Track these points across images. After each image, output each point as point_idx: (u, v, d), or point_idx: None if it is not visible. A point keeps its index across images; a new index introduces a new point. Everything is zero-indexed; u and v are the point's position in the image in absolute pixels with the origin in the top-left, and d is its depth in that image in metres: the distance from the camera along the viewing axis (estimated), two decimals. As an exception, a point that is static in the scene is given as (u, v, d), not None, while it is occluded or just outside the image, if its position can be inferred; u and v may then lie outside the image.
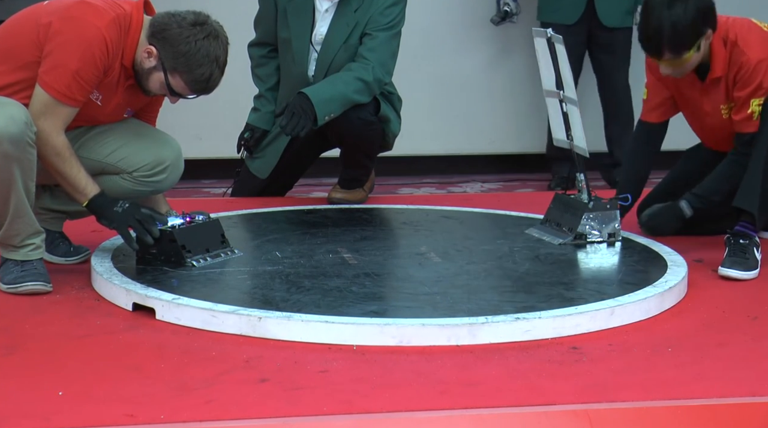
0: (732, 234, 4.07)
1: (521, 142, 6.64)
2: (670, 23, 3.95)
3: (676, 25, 3.96)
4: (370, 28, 4.86)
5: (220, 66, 3.69)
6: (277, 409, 2.79)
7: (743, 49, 4.06)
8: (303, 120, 4.66)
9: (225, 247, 3.88)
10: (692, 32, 3.98)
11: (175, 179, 3.95)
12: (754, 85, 4.07)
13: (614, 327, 3.41)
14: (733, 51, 4.08)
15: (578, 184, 4.22)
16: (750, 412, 2.87)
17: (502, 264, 3.91)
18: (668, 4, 3.97)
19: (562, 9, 5.98)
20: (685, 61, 4.02)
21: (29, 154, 3.53)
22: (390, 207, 4.93)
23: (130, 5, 3.72)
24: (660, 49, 4.02)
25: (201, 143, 6.27)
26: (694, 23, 3.98)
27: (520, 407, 2.84)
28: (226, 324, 3.29)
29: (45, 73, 3.61)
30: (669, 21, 3.95)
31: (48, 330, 3.33)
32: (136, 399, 2.82)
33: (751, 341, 3.35)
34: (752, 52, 4.06)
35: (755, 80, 4.07)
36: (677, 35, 3.97)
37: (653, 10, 3.99)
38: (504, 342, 3.24)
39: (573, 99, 4.18)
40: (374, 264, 3.84)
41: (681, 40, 3.98)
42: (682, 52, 4.00)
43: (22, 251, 3.64)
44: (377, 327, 3.21)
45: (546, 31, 4.18)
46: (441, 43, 6.52)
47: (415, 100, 5.89)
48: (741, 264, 3.99)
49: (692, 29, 3.98)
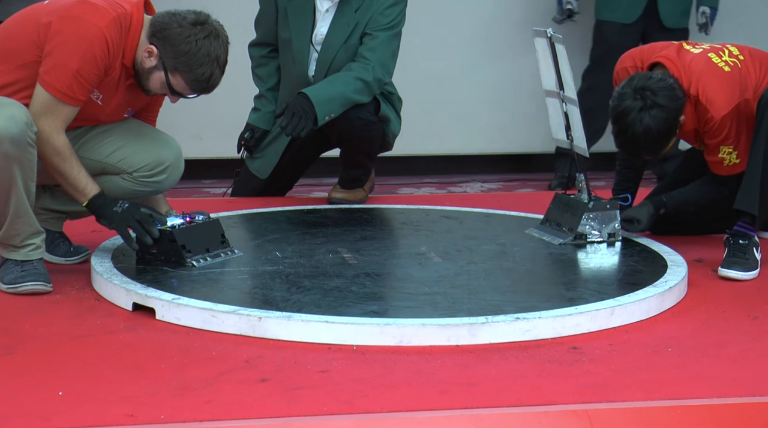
0: (731, 234, 4.07)
1: (521, 141, 6.65)
2: (644, 138, 3.97)
3: (650, 136, 3.96)
4: (370, 28, 4.86)
5: (220, 65, 3.69)
6: (277, 409, 2.79)
7: (707, 107, 4.04)
8: (303, 120, 4.66)
9: (225, 247, 3.88)
10: (667, 134, 4.00)
11: (175, 180, 3.95)
12: (721, 136, 4.09)
13: (614, 327, 3.41)
14: (697, 107, 4.07)
15: (578, 183, 4.22)
16: (750, 412, 2.87)
17: (502, 264, 3.91)
18: (637, 119, 3.95)
19: (621, 8, 6.03)
20: (668, 148, 4.09)
21: (30, 154, 3.53)
22: (390, 207, 4.93)
23: (130, 5, 3.72)
24: (639, 155, 4.09)
25: (201, 143, 6.28)
26: (666, 126, 3.98)
27: (520, 407, 2.84)
28: (226, 324, 3.29)
29: (46, 72, 3.61)
30: (643, 136, 3.96)
31: (48, 330, 3.33)
32: (136, 399, 2.82)
33: (751, 341, 3.35)
34: (715, 109, 4.03)
35: (722, 133, 4.08)
36: (655, 144, 4.00)
37: (624, 120, 3.97)
38: (504, 342, 3.24)
39: (573, 99, 4.18)
40: (374, 264, 3.84)
41: (659, 144, 4.01)
42: (660, 151, 4.06)
43: (22, 251, 3.64)
44: (377, 327, 3.21)
45: (546, 31, 4.18)
46: (441, 43, 6.52)
47: (415, 100, 5.89)
48: (741, 265, 3.99)
49: (666, 132, 3.99)
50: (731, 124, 4.06)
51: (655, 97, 3.95)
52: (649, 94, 3.95)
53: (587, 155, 4.22)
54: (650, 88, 3.96)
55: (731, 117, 4.05)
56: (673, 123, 4.01)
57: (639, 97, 3.96)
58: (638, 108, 3.94)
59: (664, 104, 3.96)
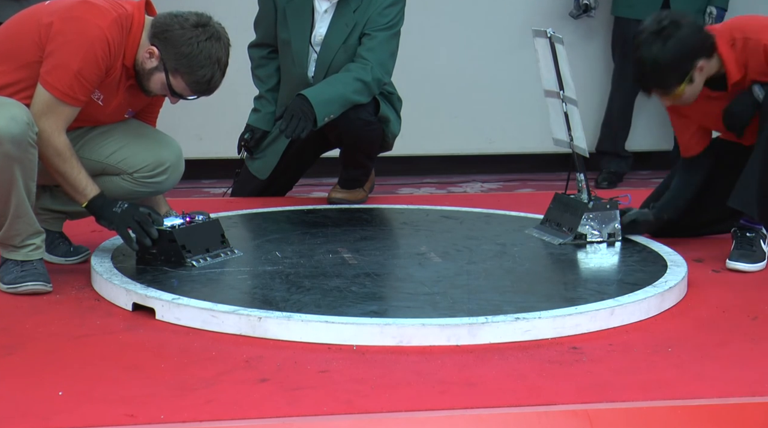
0: (738, 227, 4.08)
1: (521, 142, 6.65)
2: (650, 62, 3.90)
3: (656, 63, 3.90)
4: (369, 28, 4.86)
5: (221, 68, 3.69)
6: (277, 409, 2.79)
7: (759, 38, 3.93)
8: (303, 122, 4.66)
9: (225, 247, 3.88)
10: (675, 69, 3.91)
11: (175, 180, 3.95)
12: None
13: (614, 327, 3.41)
14: (745, 47, 3.97)
15: (578, 183, 4.22)
16: (750, 412, 2.87)
17: (502, 264, 3.91)
18: (650, 41, 3.90)
19: (639, 4, 6.04)
20: (679, 94, 3.98)
21: (30, 154, 3.54)
22: (390, 207, 4.93)
23: (131, 5, 3.72)
24: (647, 87, 4.01)
25: (201, 143, 6.28)
26: (676, 59, 3.90)
27: (519, 407, 2.84)
28: (226, 324, 3.29)
29: (47, 72, 3.61)
30: (649, 60, 3.90)
31: (48, 330, 3.33)
32: (136, 399, 2.82)
33: (751, 341, 3.35)
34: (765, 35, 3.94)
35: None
36: (659, 74, 3.93)
37: (637, 48, 3.94)
38: (504, 342, 3.24)
39: (573, 99, 4.19)
40: (374, 264, 3.84)
41: (664, 77, 3.93)
42: (669, 88, 3.96)
43: (22, 251, 3.65)
44: (377, 327, 3.22)
45: (547, 31, 4.18)
46: (441, 43, 6.53)
47: (415, 100, 5.90)
48: (748, 257, 4.01)
49: (675, 66, 3.91)
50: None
51: (673, 28, 3.89)
52: (669, 24, 3.90)
53: (587, 155, 4.22)
54: (674, 19, 3.92)
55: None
56: (686, 60, 3.91)
57: (658, 23, 3.91)
58: (652, 30, 3.90)
59: (679, 38, 3.89)
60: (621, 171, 6.41)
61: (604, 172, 6.36)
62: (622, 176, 6.43)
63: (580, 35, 6.52)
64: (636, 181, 6.43)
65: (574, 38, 6.38)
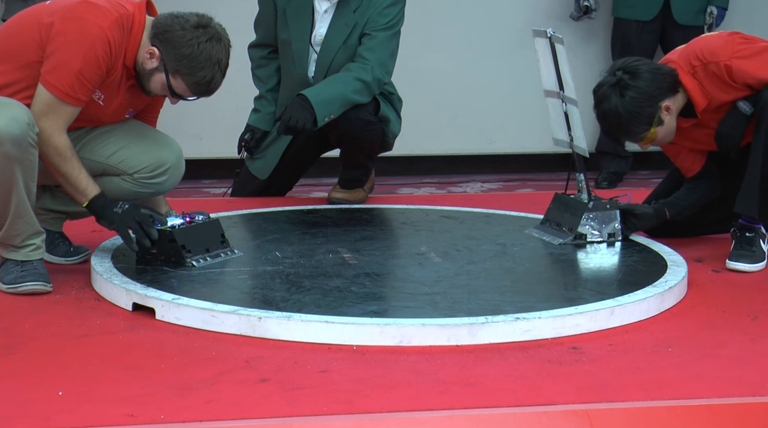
0: (738, 227, 4.08)
1: (521, 141, 6.66)
2: (612, 116, 3.92)
3: (619, 117, 3.92)
4: (369, 28, 4.86)
5: (222, 69, 3.69)
6: (277, 409, 2.79)
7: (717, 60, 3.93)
8: (303, 122, 4.66)
9: (225, 247, 3.88)
10: (639, 117, 3.92)
11: (175, 181, 3.95)
12: (751, 72, 3.95)
13: (614, 327, 3.41)
14: (706, 72, 3.96)
15: (578, 183, 4.22)
16: (750, 412, 2.87)
17: (502, 264, 3.91)
18: (608, 94, 3.91)
19: (639, 5, 6.06)
20: (651, 138, 4.00)
21: (31, 154, 3.54)
22: (390, 207, 4.93)
23: (132, 5, 3.72)
24: (617, 139, 4.06)
25: (201, 143, 6.28)
26: (637, 109, 3.90)
27: (519, 407, 2.84)
28: (226, 324, 3.29)
29: (48, 72, 3.61)
30: (611, 114, 3.92)
31: (48, 330, 3.33)
32: (136, 399, 2.82)
33: (751, 341, 3.35)
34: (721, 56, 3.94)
35: (750, 69, 3.95)
36: (624, 126, 3.94)
37: (598, 103, 3.95)
38: (504, 342, 3.24)
39: (573, 99, 4.18)
40: (374, 264, 3.84)
41: (630, 127, 3.95)
42: (639, 135, 3.98)
43: (22, 251, 3.65)
44: (377, 327, 3.22)
45: (546, 31, 4.18)
46: (441, 43, 6.53)
47: (415, 100, 5.90)
48: (748, 257, 4.01)
49: (638, 114, 3.91)
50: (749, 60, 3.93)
51: (630, 77, 3.89)
52: (624, 74, 3.90)
53: (587, 155, 4.22)
54: (630, 69, 3.91)
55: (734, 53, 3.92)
56: (647, 106, 3.90)
57: (613, 75, 3.93)
58: (610, 84, 3.92)
59: (637, 86, 3.89)
60: (621, 171, 6.42)
61: (604, 172, 6.37)
62: (622, 176, 6.44)
63: (580, 36, 6.53)
64: (636, 181, 6.44)
65: (574, 39, 6.40)
